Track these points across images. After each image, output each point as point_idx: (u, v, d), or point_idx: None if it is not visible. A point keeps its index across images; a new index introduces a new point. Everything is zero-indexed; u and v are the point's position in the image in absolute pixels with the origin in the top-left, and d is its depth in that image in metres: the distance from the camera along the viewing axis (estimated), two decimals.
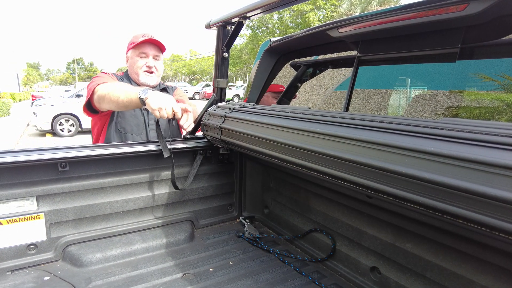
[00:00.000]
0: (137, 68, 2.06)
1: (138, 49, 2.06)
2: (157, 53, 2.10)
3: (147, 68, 2.07)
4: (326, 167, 1.06)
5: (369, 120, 1.02)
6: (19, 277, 1.44)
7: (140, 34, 2.09)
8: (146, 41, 2.02)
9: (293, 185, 1.88)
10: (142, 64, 2.06)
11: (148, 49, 2.07)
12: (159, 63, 2.13)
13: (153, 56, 2.08)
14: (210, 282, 1.47)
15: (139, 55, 2.06)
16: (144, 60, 2.06)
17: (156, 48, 2.09)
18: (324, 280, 1.51)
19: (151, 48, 2.08)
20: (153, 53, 2.08)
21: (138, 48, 2.05)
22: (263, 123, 1.38)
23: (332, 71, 5.98)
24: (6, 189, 1.43)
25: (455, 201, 0.73)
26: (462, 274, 1.10)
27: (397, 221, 1.30)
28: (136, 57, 2.07)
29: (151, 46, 2.07)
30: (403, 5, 1.39)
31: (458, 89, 1.87)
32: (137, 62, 2.06)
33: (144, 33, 2.09)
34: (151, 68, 2.08)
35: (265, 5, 1.42)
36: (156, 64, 2.10)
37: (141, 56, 2.06)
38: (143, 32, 2.11)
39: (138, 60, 2.06)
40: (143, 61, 2.06)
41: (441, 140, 0.80)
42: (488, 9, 1.13)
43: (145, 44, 2.05)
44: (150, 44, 2.06)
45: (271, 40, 2.10)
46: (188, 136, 1.97)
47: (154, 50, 2.09)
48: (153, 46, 2.08)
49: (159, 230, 1.82)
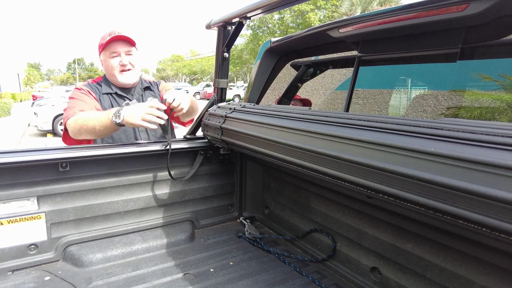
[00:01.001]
0: (112, 70, 1.96)
1: (108, 50, 1.95)
2: (128, 48, 1.97)
3: (122, 66, 1.96)
4: (326, 167, 1.06)
5: (370, 120, 1.02)
6: (19, 277, 1.44)
7: (106, 33, 1.97)
8: (113, 39, 1.91)
9: (293, 186, 1.88)
10: (116, 64, 1.95)
11: (117, 46, 1.94)
12: (134, 58, 2.00)
13: (124, 52, 1.96)
14: (211, 282, 1.47)
15: (111, 56, 1.95)
16: (117, 59, 1.95)
17: (126, 43, 1.96)
18: (324, 280, 1.51)
19: (121, 44, 1.95)
20: (124, 49, 1.96)
21: (108, 49, 1.94)
22: (263, 124, 1.39)
23: (333, 71, 5.98)
24: (7, 189, 1.44)
25: (456, 201, 0.73)
26: (463, 274, 1.10)
27: (398, 221, 1.30)
28: (108, 58, 1.96)
29: (120, 42, 1.94)
30: (404, 5, 1.38)
31: (459, 89, 1.87)
32: (110, 64, 1.95)
33: (110, 31, 1.97)
34: (126, 66, 1.96)
35: (266, 5, 1.42)
36: (130, 59, 1.98)
37: (112, 56, 1.95)
38: (110, 30, 1.99)
39: (111, 61, 1.95)
40: (116, 60, 1.95)
41: (442, 141, 0.80)
42: (489, 9, 1.13)
43: (114, 43, 1.93)
44: (119, 41, 1.93)
45: (272, 40, 2.10)
46: (188, 136, 1.98)
47: (124, 46, 1.96)
48: (122, 42, 1.95)
49: (159, 230, 1.82)
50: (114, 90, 2.01)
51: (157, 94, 2.16)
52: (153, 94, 2.13)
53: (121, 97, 2.01)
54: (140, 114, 1.56)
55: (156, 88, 2.19)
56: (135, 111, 1.58)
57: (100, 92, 1.99)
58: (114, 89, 2.01)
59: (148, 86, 2.14)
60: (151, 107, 1.60)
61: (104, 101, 1.97)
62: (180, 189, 1.89)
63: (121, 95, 2.01)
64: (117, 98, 2.00)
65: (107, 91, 2.00)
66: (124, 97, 2.01)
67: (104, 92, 1.99)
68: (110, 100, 1.99)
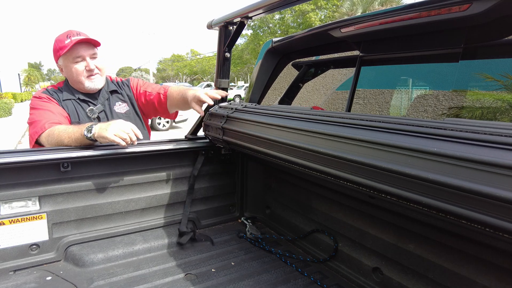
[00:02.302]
0: (78, 76, 1.81)
1: (71, 54, 1.78)
2: (92, 51, 1.84)
3: (88, 72, 1.83)
4: (329, 167, 1.06)
5: (372, 120, 1.02)
6: (21, 277, 1.44)
7: (63, 35, 1.80)
8: (77, 42, 1.76)
9: (294, 186, 1.88)
10: (82, 70, 1.81)
11: (81, 50, 1.79)
12: (99, 61, 1.87)
13: (89, 56, 1.82)
14: (212, 282, 1.47)
15: (74, 61, 1.80)
16: (82, 65, 1.81)
17: (90, 46, 1.82)
18: (326, 280, 1.51)
19: (84, 48, 1.80)
20: (89, 52, 1.82)
21: (70, 53, 1.78)
22: (265, 124, 1.38)
23: (334, 71, 5.97)
24: (8, 189, 1.44)
25: (459, 201, 0.73)
26: (465, 274, 1.09)
27: (400, 221, 1.30)
28: (71, 64, 1.80)
29: (84, 45, 1.80)
30: (405, 5, 1.38)
31: (461, 89, 1.87)
32: (76, 70, 1.80)
33: (67, 33, 1.81)
34: (93, 71, 1.84)
35: (267, 5, 1.42)
36: (96, 63, 1.85)
37: (76, 61, 1.80)
38: (66, 32, 1.82)
39: (75, 66, 1.80)
40: (81, 65, 1.81)
41: (444, 141, 0.80)
42: (491, 9, 1.13)
43: (76, 46, 1.77)
44: (81, 43, 1.78)
45: (273, 40, 2.10)
46: (189, 136, 1.97)
47: (88, 49, 1.81)
48: (85, 44, 1.80)
49: (160, 231, 1.82)
50: (77, 96, 1.87)
51: (129, 94, 2.05)
52: (122, 98, 2.01)
53: (85, 102, 1.89)
54: (115, 130, 1.49)
55: (126, 87, 2.06)
56: (111, 125, 1.51)
57: (61, 99, 1.85)
58: (76, 95, 1.88)
59: (115, 90, 2.00)
60: (132, 130, 1.54)
61: (66, 108, 1.84)
62: (182, 189, 1.88)
63: (85, 100, 1.89)
64: (80, 103, 1.88)
65: (68, 97, 1.86)
66: (88, 102, 1.90)
67: (65, 99, 1.85)
68: (73, 105, 1.86)
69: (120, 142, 1.50)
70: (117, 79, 2.09)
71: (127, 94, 2.05)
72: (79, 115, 1.84)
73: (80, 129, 1.55)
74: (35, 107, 1.77)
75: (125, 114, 1.99)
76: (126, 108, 2.01)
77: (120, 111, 1.99)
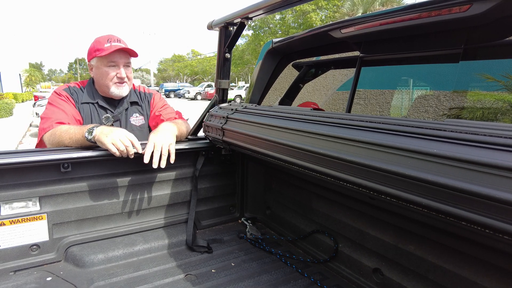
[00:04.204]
0: (108, 80, 1.84)
1: (107, 58, 1.82)
2: (127, 60, 1.89)
3: (119, 79, 1.86)
4: (329, 168, 1.06)
5: (372, 121, 1.01)
6: (21, 277, 1.44)
7: (104, 38, 1.84)
8: (117, 49, 1.80)
9: (295, 186, 1.87)
10: (113, 75, 1.84)
11: (118, 57, 1.84)
12: (130, 70, 1.92)
13: (123, 64, 1.86)
14: (212, 283, 1.47)
15: (108, 65, 1.83)
16: (115, 71, 1.84)
17: (126, 55, 1.88)
18: (326, 281, 1.51)
19: (121, 55, 1.85)
20: (124, 61, 1.86)
21: (106, 57, 1.82)
22: (265, 124, 1.38)
23: (334, 71, 5.96)
24: (9, 190, 1.44)
25: (459, 203, 0.73)
26: (465, 276, 1.09)
27: (400, 222, 1.30)
28: (104, 67, 1.83)
29: (121, 53, 1.85)
30: (406, 5, 1.38)
31: (461, 90, 1.86)
32: (106, 74, 1.84)
33: (108, 37, 1.85)
34: (123, 79, 1.88)
35: (267, 6, 1.42)
36: (127, 72, 1.89)
37: (110, 65, 1.83)
38: (107, 35, 1.87)
39: (107, 70, 1.83)
40: (113, 72, 1.84)
41: (445, 142, 0.79)
42: (492, 10, 1.13)
43: (114, 52, 1.81)
44: (120, 51, 1.83)
45: (273, 40, 2.10)
46: (190, 136, 1.97)
47: (124, 57, 1.86)
48: (123, 53, 1.86)
49: (161, 231, 1.82)
50: (96, 99, 1.89)
51: (146, 109, 2.06)
52: (140, 111, 2.03)
53: (103, 108, 1.91)
54: (114, 138, 1.49)
55: (146, 102, 2.07)
56: (112, 132, 1.51)
57: (79, 101, 1.87)
58: (96, 98, 1.90)
59: (136, 101, 2.02)
60: (131, 142, 1.53)
61: (82, 111, 1.86)
62: (182, 189, 1.89)
63: (103, 106, 1.91)
64: (98, 108, 1.89)
65: (87, 101, 1.88)
66: (106, 109, 1.91)
67: (83, 102, 1.87)
68: (90, 109, 1.87)
69: (115, 152, 1.50)
70: (140, 89, 2.10)
71: (145, 108, 2.05)
72: (93, 121, 1.86)
73: (81, 130, 1.56)
74: (51, 103, 1.79)
75: (140, 128, 2.00)
76: (142, 122, 2.03)
77: (136, 123, 2.00)
